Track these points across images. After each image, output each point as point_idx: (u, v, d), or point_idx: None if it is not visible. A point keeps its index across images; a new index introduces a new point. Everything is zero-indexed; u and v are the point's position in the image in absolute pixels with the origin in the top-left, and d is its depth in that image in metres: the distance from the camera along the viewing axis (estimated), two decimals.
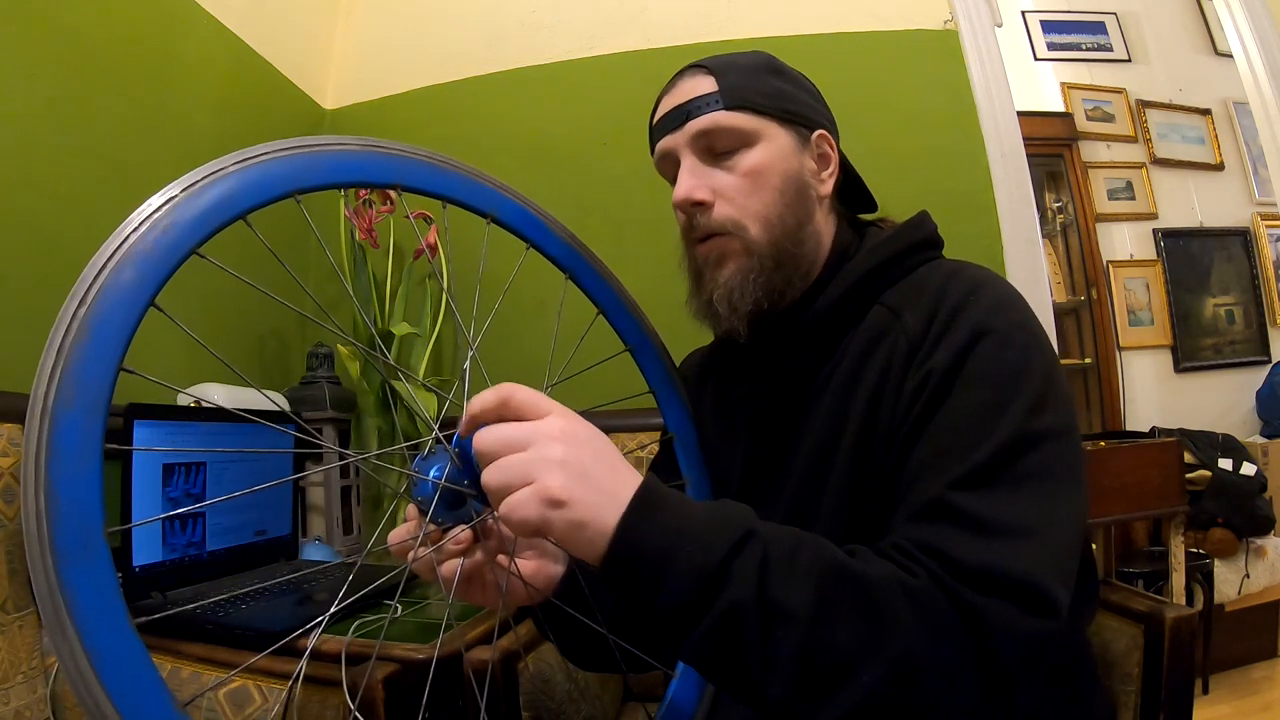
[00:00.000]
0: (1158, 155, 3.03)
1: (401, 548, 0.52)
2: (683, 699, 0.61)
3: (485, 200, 0.60)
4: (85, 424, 0.38)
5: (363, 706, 0.72)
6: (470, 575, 0.54)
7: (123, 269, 0.40)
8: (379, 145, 0.53)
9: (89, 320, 0.39)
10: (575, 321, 0.69)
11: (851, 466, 0.58)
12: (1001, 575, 0.44)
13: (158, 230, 0.41)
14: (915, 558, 0.46)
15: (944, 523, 0.48)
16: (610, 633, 0.59)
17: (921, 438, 0.53)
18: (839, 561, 0.46)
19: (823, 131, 0.66)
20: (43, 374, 0.38)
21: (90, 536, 0.37)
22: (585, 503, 0.43)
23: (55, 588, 0.35)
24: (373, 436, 1.51)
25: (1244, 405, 2.84)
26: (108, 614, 0.37)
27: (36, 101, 1.17)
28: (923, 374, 0.55)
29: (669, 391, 0.70)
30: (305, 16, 1.86)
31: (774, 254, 0.62)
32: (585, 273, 0.66)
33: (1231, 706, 2.07)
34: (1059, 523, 0.48)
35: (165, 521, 1.04)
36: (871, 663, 0.42)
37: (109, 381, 0.39)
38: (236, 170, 0.45)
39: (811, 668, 0.42)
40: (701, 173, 0.63)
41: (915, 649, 0.43)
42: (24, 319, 1.09)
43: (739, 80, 0.63)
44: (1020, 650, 0.44)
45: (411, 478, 0.51)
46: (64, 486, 0.36)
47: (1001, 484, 0.48)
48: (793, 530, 0.47)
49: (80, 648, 0.35)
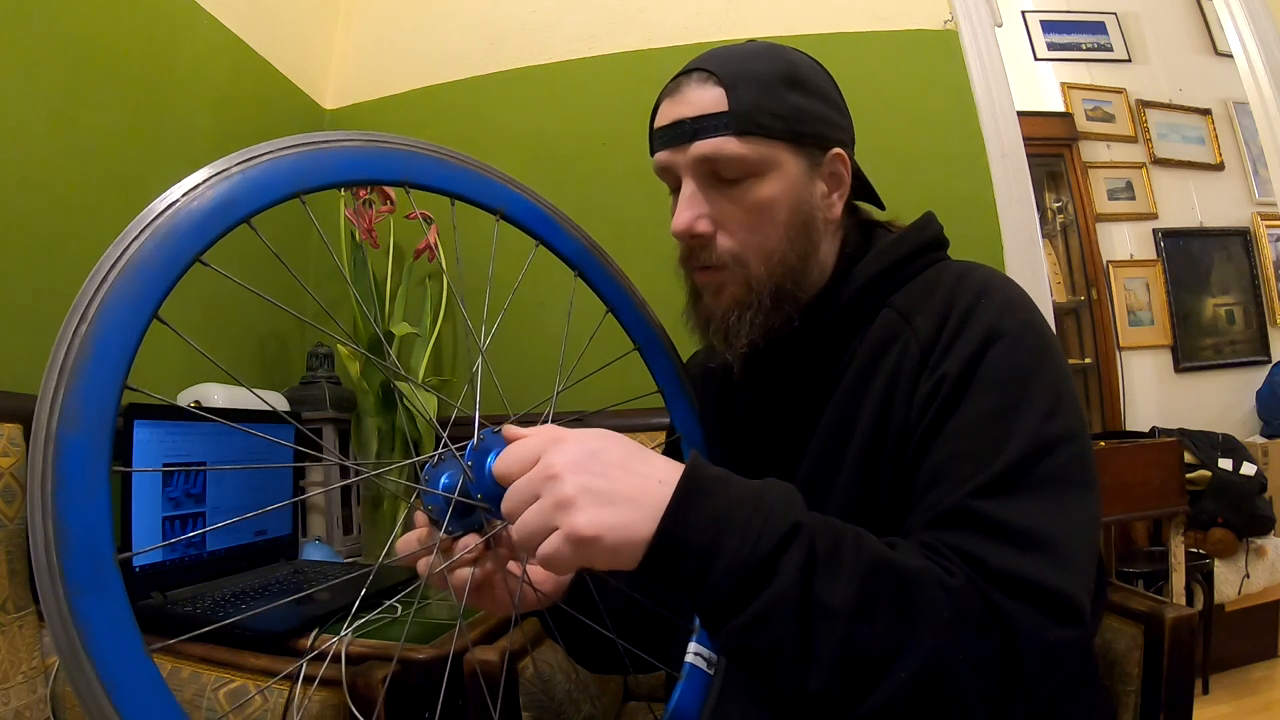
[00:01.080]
0: (1158, 155, 3.03)
1: (414, 559, 0.52)
2: (687, 705, 0.61)
3: (494, 196, 0.58)
4: (91, 447, 0.37)
5: (362, 706, 0.72)
6: (481, 583, 0.54)
7: (124, 281, 0.39)
8: (384, 140, 0.52)
9: (91, 338, 0.37)
10: (577, 319, 0.68)
11: (860, 471, 0.58)
12: (1030, 582, 0.45)
13: (159, 238, 0.40)
14: (950, 558, 0.47)
15: (969, 530, 0.48)
16: (618, 636, 0.59)
17: (936, 443, 0.53)
18: (882, 556, 0.46)
19: (837, 150, 0.62)
20: (45, 396, 0.36)
21: (102, 565, 0.36)
22: (615, 526, 0.43)
23: (69, 620, 0.35)
24: (373, 436, 1.51)
25: (1244, 405, 2.84)
26: (123, 644, 0.36)
27: (36, 102, 1.17)
28: (935, 379, 0.55)
29: (676, 390, 0.69)
30: (305, 17, 1.86)
31: (773, 292, 0.60)
32: (595, 270, 0.65)
33: (1231, 706, 2.07)
34: (1079, 528, 0.49)
35: (165, 521, 1.04)
36: (909, 657, 0.43)
37: (114, 401, 0.38)
38: (240, 171, 0.44)
39: (852, 663, 0.43)
40: (701, 203, 0.60)
41: (951, 645, 0.43)
42: (24, 320, 1.09)
43: (751, 99, 0.58)
44: (1045, 657, 0.44)
45: (421, 486, 0.50)
46: (72, 515, 0.35)
47: (1023, 490, 0.49)
48: (835, 522, 0.47)
49: (97, 680, 0.35)
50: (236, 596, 0.99)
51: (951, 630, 0.43)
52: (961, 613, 0.44)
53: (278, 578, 1.10)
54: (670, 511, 0.43)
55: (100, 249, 0.39)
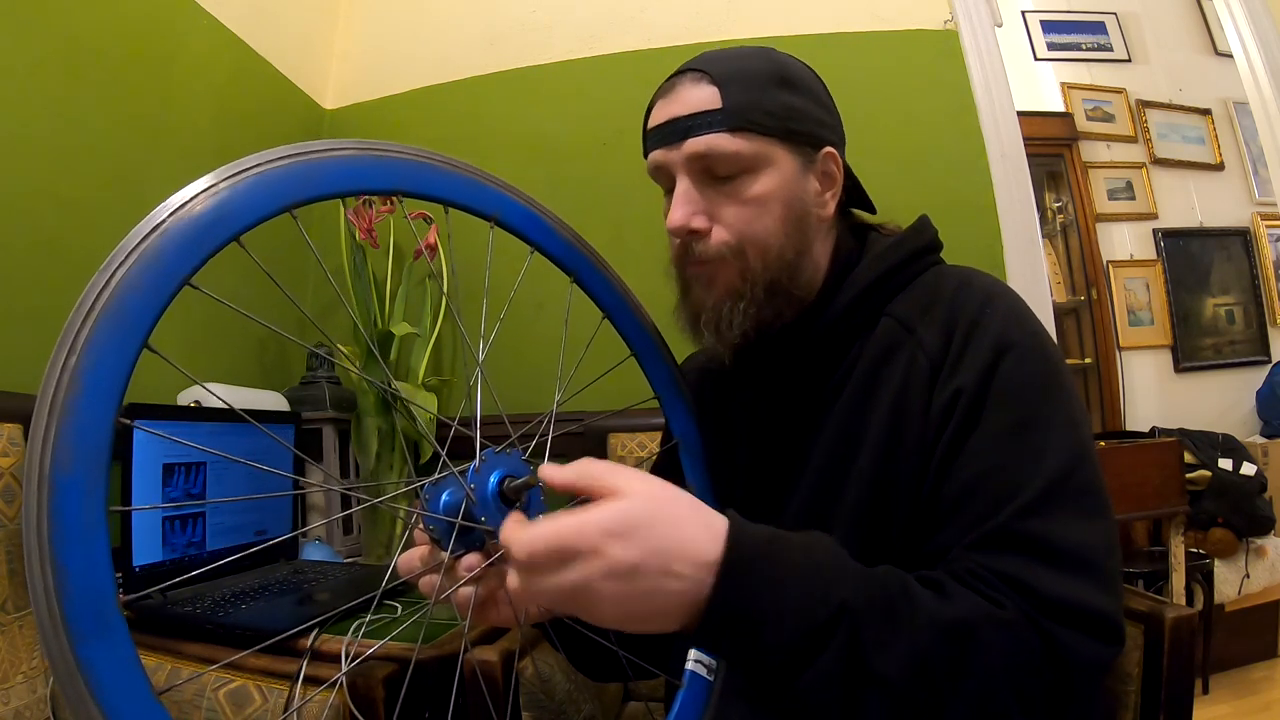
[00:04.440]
0: (1158, 155, 3.03)
1: (421, 581, 0.51)
2: (688, 711, 0.61)
3: (487, 202, 0.58)
4: (87, 488, 0.35)
5: (363, 706, 0.72)
6: (484, 600, 0.54)
7: (112, 310, 0.37)
8: (375, 148, 0.51)
9: (80, 371, 0.36)
10: (574, 322, 0.68)
11: (870, 485, 0.58)
12: (1080, 607, 0.46)
13: (146, 262, 0.39)
14: (999, 588, 0.47)
15: (1018, 554, 0.48)
16: (619, 644, 0.59)
17: (961, 458, 0.53)
18: (934, 614, 0.45)
19: (829, 149, 0.63)
20: (35, 435, 0.35)
21: (105, 610, 0.35)
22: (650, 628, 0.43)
23: (74, 668, 0.34)
24: (373, 437, 1.51)
25: (1244, 405, 2.84)
26: (131, 690, 0.35)
27: (37, 102, 1.17)
28: (950, 392, 0.55)
29: (674, 396, 0.69)
30: (305, 17, 1.86)
31: (767, 285, 0.60)
32: (590, 274, 0.64)
33: (1231, 706, 2.07)
34: (1113, 541, 0.50)
35: (165, 522, 1.04)
36: (959, 700, 0.43)
37: (106, 437, 0.37)
38: (227, 188, 0.42)
39: (904, 716, 0.44)
40: (696, 199, 0.60)
41: (1001, 682, 0.44)
42: (25, 320, 1.09)
43: (743, 97, 0.58)
44: (1091, 677, 0.46)
45: (423, 505, 0.49)
46: (72, 562, 0.35)
47: (1064, 506, 0.50)
48: (883, 582, 0.46)
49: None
50: (236, 596, 0.99)
51: (1002, 668, 0.44)
52: (1013, 650, 0.45)
53: (278, 578, 1.10)
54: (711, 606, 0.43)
55: (101, 249, 0.39)
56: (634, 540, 0.41)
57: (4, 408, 0.95)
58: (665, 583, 0.42)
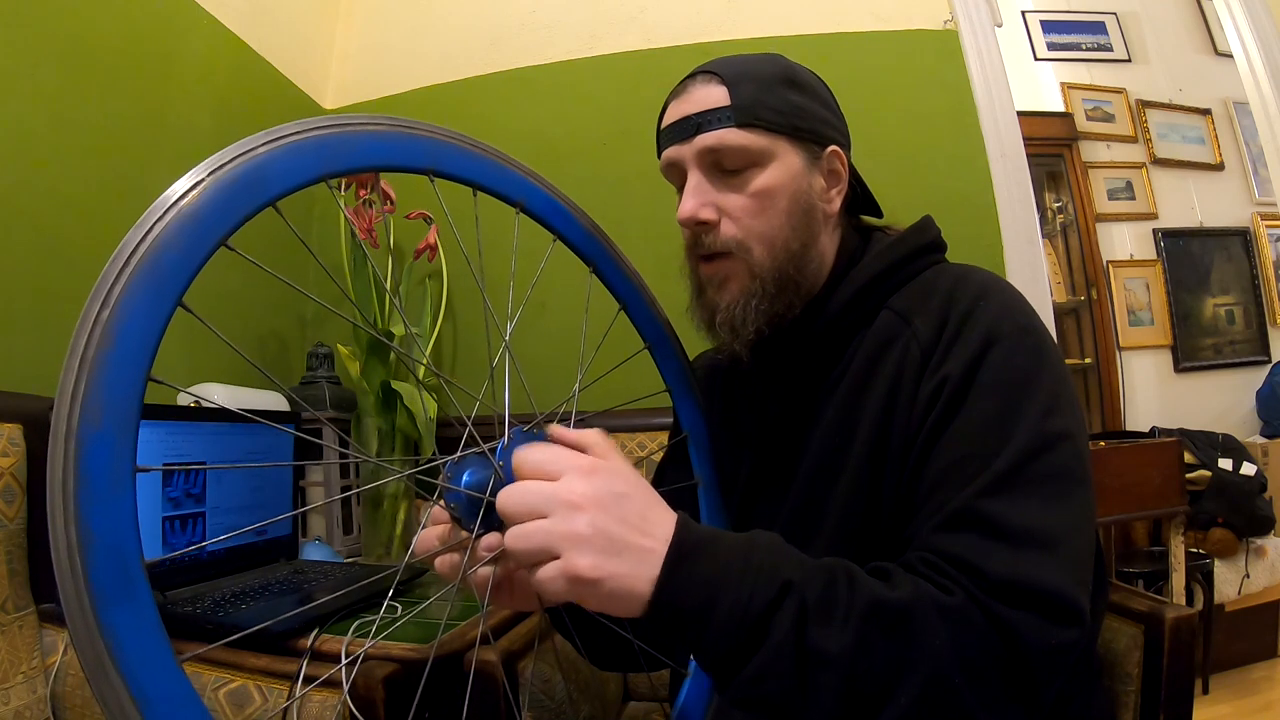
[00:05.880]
0: (1158, 155, 3.03)
1: (439, 561, 0.51)
2: (694, 700, 0.62)
3: (515, 188, 0.58)
4: (116, 445, 0.34)
5: (363, 706, 0.72)
6: (501, 581, 0.54)
7: (147, 266, 0.36)
8: (407, 125, 0.50)
9: (113, 326, 0.35)
10: (582, 318, 0.68)
11: (863, 472, 0.58)
12: (1031, 587, 0.46)
13: (183, 221, 0.38)
14: (948, 573, 0.47)
15: (970, 533, 0.49)
16: (635, 636, 0.59)
17: (939, 446, 0.54)
18: (874, 595, 0.46)
19: (834, 148, 0.65)
20: (65, 390, 0.33)
21: (129, 572, 0.34)
22: (616, 576, 0.43)
23: (95, 631, 0.32)
24: (373, 436, 1.51)
25: (1244, 405, 2.84)
26: (154, 656, 0.34)
27: (37, 102, 1.17)
28: (936, 381, 0.55)
29: (684, 390, 0.69)
30: (305, 16, 1.86)
31: (776, 278, 0.62)
32: (607, 265, 0.65)
33: (1231, 706, 2.07)
34: (1077, 526, 0.50)
35: (165, 521, 1.04)
36: (908, 683, 0.44)
37: (138, 394, 0.35)
38: (265, 151, 0.42)
39: (853, 701, 0.44)
40: (707, 191, 0.62)
41: (949, 666, 0.44)
42: (25, 320, 1.09)
43: (752, 94, 0.61)
44: (1048, 659, 0.45)
45: (446, 482, 0.49)
46: (97, 518, 0.33)
47: (1024, 487, 0.50)
48: (826, 565, 0.47)
49: (128, 696, 0.33)
50: (237, 596, 0.99)
51: (950, 652, 0.44)
52: (959, 633, 0.45)
53: (278, 578, 1.10)
54: (663, 577, 0.44)
55: (100, 249, 0.38)
56: (623, 479, 0.46)
57: (4, 408, 0.95)
58: (641, 529, 0.45)
